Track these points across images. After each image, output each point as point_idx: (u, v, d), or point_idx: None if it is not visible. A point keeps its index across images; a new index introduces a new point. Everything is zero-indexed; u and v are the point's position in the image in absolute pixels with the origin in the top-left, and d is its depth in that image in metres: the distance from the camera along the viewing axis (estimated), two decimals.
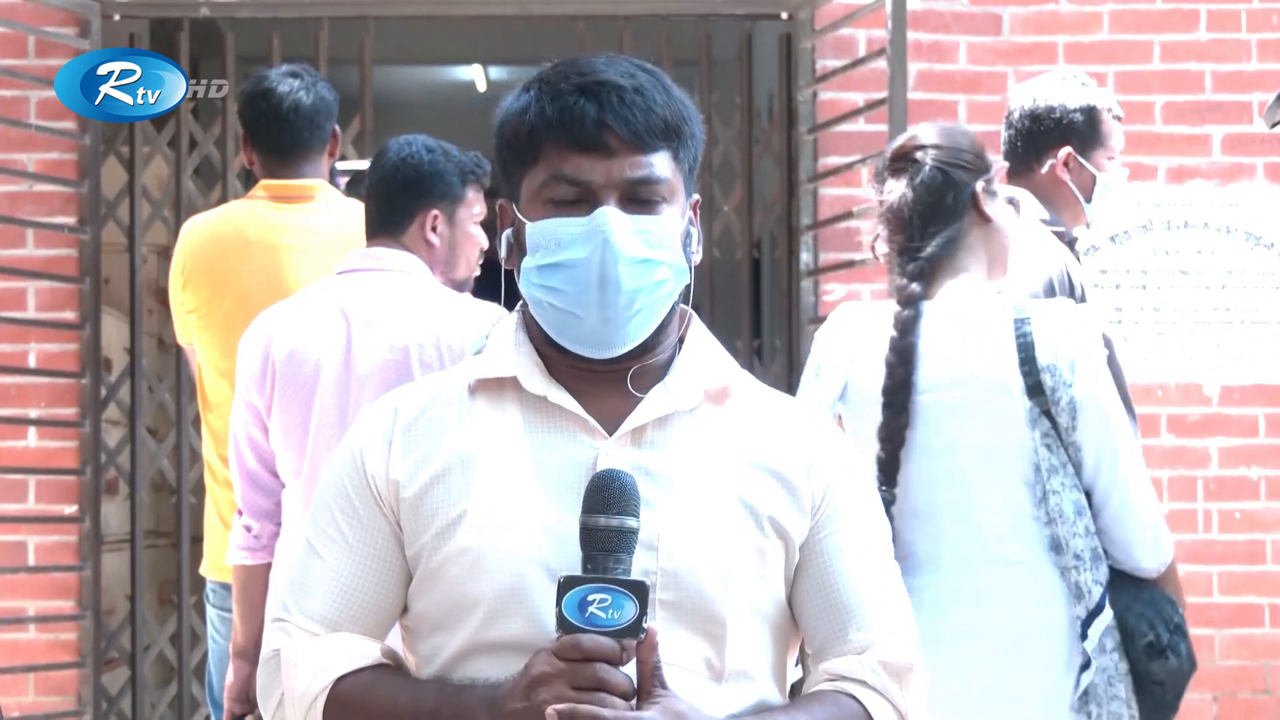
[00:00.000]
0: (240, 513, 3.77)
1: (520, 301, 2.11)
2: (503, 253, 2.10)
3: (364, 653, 2.05)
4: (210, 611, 4.32)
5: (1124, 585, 3.34)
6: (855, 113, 5.66)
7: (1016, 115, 4.17)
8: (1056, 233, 4.01)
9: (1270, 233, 5.82)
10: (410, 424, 2.07)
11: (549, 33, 6.33)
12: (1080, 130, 4.09)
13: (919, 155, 3.42)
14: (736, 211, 6.02)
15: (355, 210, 4.08)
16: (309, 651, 2.04)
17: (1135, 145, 5.20)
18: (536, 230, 2.03)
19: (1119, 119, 4.18)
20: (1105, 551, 3.32)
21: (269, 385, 3.63)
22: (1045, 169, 4.11)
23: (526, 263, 2.04)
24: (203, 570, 4.38)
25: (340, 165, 4.61)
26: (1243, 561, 5.72)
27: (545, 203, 2.04)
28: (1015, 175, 4.17)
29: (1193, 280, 5.83)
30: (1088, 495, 3.31)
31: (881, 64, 5.32)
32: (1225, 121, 5.80)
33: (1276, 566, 5.72)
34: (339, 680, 2.02)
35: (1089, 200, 4.10)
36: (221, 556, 4.03)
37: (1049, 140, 4.11)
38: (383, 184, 3.76)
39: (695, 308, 2.20)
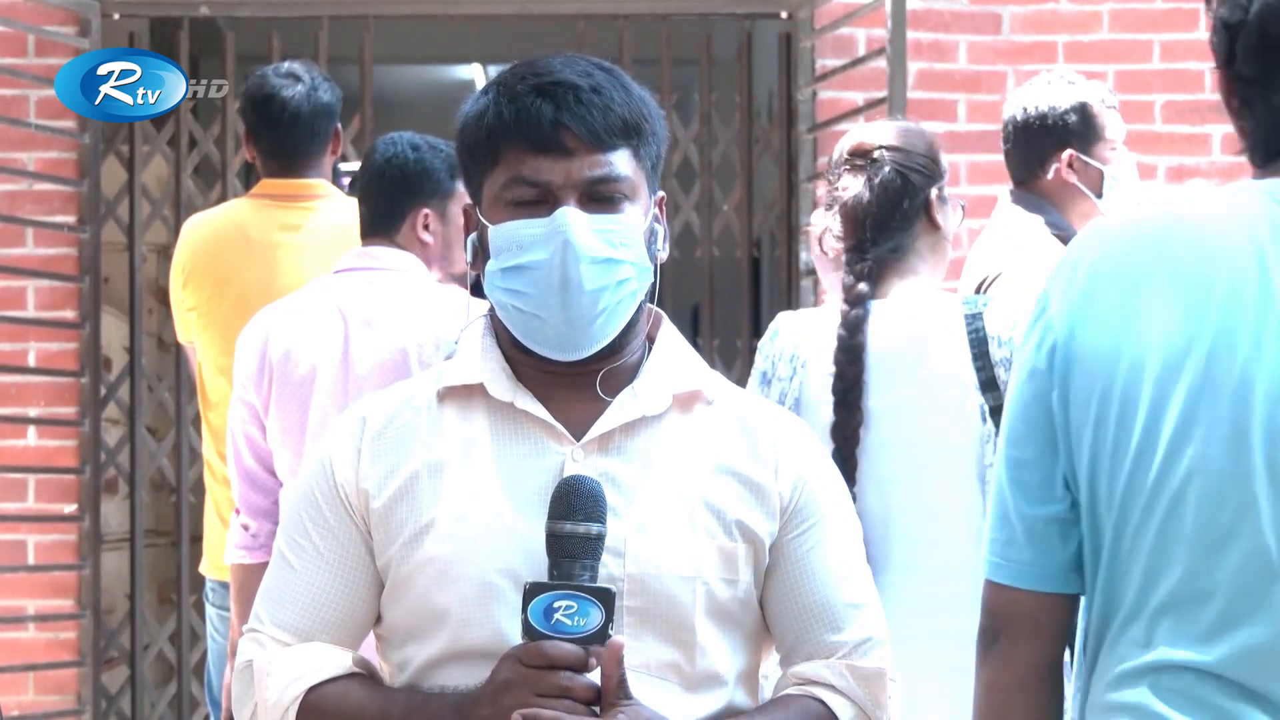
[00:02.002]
0: (238, 511, 3.77)
1: (488, 306, 2.11)
2: (468, 257, 2.10)
3: (336, 662, 2.05)
4: (210, 610, 4.32)
5: None
6: (855, 112, 5.66)
7: (1010, 127, 4.15)
8: (1060, 236, 3.99)
9: None
10: (379, 433, 2.07)
11: (549, 32, 6.32)
12: (1077, 130, 4.07)
13: (878, 155, 3.36)
14: (736, 211, 6.01)
15: (356, 209, 4.08)
16: (281, 661, 2.05)
17: (1135, 145, 5.17)
18: (498, 233, 2.03)
19: (1114, 107, 4.16)
20: None
21: (266, 384, 3.63)
22: (1050, 174, 4.09)
23: (490, 266, 2.04)
24: (202, 569, 4.38)
25: (343, 166, 4.61)
26: None
27: (506, 205, 2.03)
28: (1021, 185, 4.15)
29: None
30: None
31: (881, 63, 5.32)
32: (1225, 121, 5.76)
33: None
34: (311, 690, 2.03)
35: (1100, 196, 4.07)
36: (221, 555, 4.03)
37: (1047, 146, 4.08)
38: (372, 185, 3.76)
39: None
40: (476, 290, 2.12)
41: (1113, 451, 1.84)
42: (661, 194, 2.12)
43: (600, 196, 2.02)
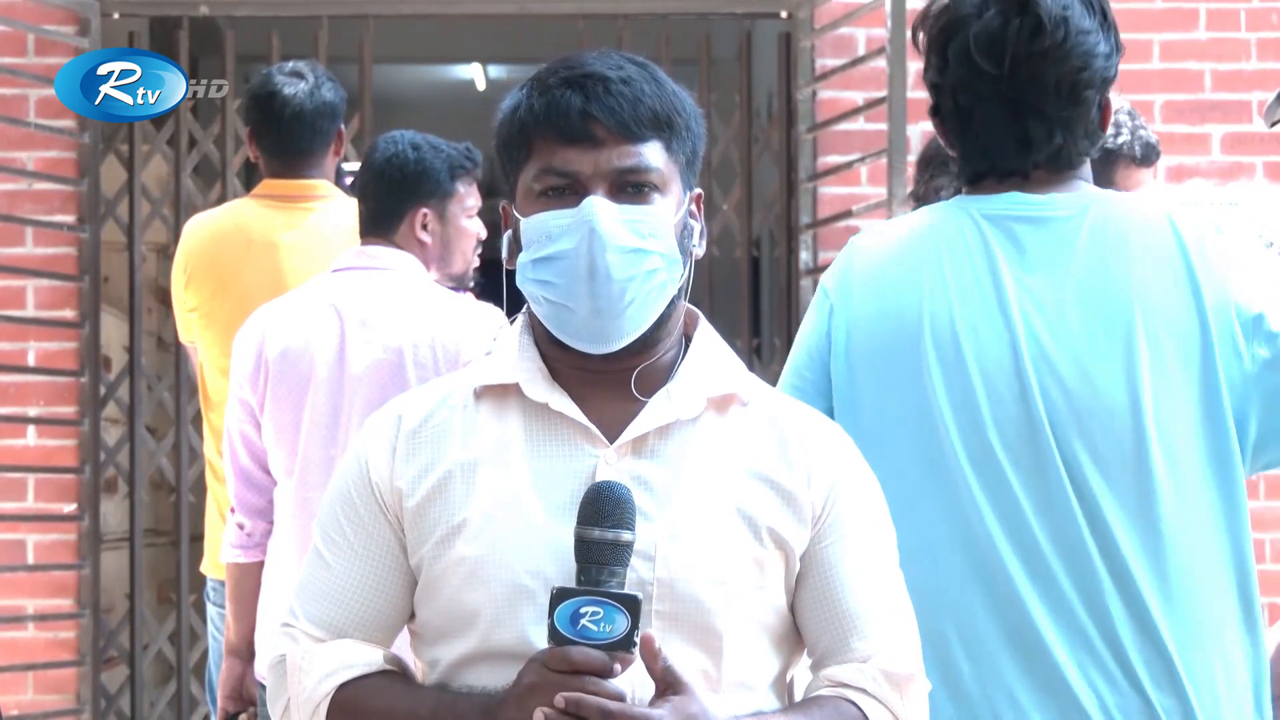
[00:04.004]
0: (233, 510, 3.76)
1: (526, 303, 2.11)
2: (504, 254, 2.10)
3: (367, 659, 2.06)
4: (210, 609, 4.32)
5: None
6: (855, 111, 5.66)
7: None
8: None
9: (1270, 232, 5.82)
10: (414, 431, 2.08)
11: (548, 31, 6.33)
12: None
13: None
14: (736, 210, 6.02)
15: (357, 210, 4.08)
16: (313, 657, 2.06)
17: None
18: (529, 225, 2.03)
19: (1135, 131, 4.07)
20: None
21: (262, 382, 3.63)
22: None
23: (521, 258, 2.05)
24: (203, 568, 4.38)
25: (346, 166, 4.61)
26: None
27: (537, 197, 2.04)
28: None
29: None
30: None
31: (881, 63, 5.32)
32: (1225, 121, 5.80)
33: (1276, 566, 5.72)
34: (342, 686, 2.04)
35: None
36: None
37: None
38: (371, 184, 3.76)
39: (694, 306, 2.18)
40: (513, 288, 2.11)
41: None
42: (699, 191, 2.12)
43: (629, 187, 2.02)
